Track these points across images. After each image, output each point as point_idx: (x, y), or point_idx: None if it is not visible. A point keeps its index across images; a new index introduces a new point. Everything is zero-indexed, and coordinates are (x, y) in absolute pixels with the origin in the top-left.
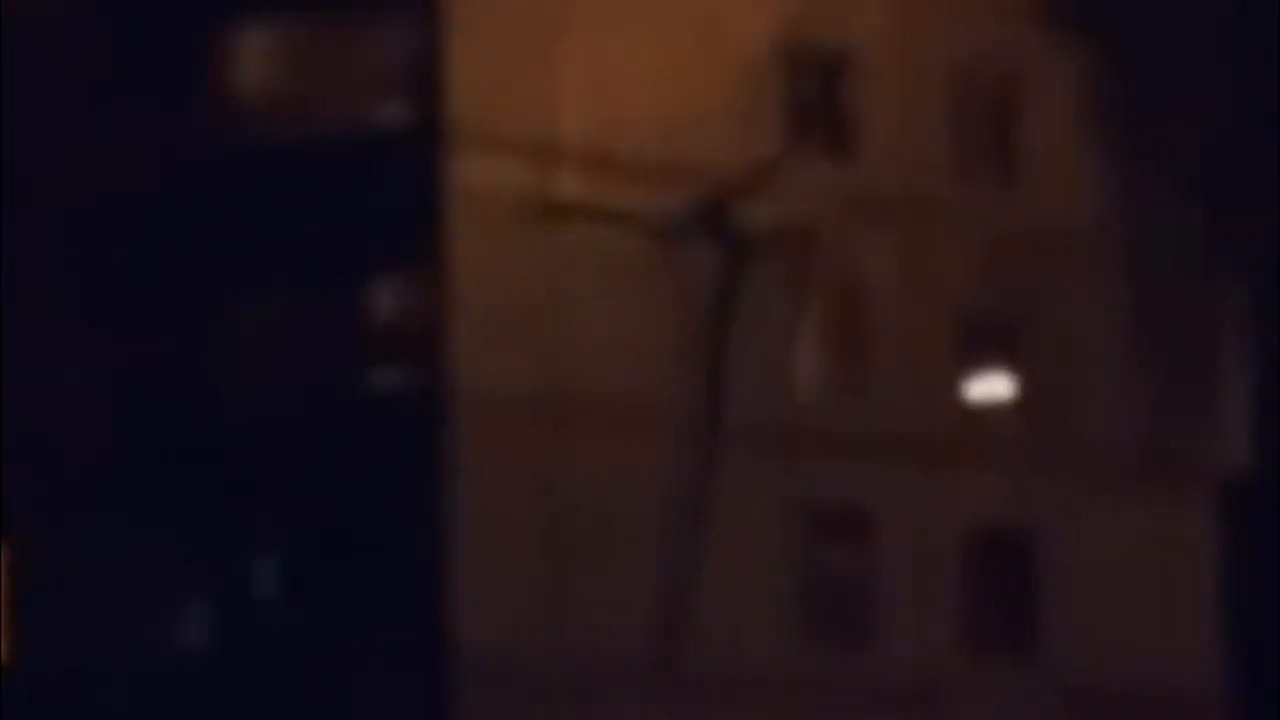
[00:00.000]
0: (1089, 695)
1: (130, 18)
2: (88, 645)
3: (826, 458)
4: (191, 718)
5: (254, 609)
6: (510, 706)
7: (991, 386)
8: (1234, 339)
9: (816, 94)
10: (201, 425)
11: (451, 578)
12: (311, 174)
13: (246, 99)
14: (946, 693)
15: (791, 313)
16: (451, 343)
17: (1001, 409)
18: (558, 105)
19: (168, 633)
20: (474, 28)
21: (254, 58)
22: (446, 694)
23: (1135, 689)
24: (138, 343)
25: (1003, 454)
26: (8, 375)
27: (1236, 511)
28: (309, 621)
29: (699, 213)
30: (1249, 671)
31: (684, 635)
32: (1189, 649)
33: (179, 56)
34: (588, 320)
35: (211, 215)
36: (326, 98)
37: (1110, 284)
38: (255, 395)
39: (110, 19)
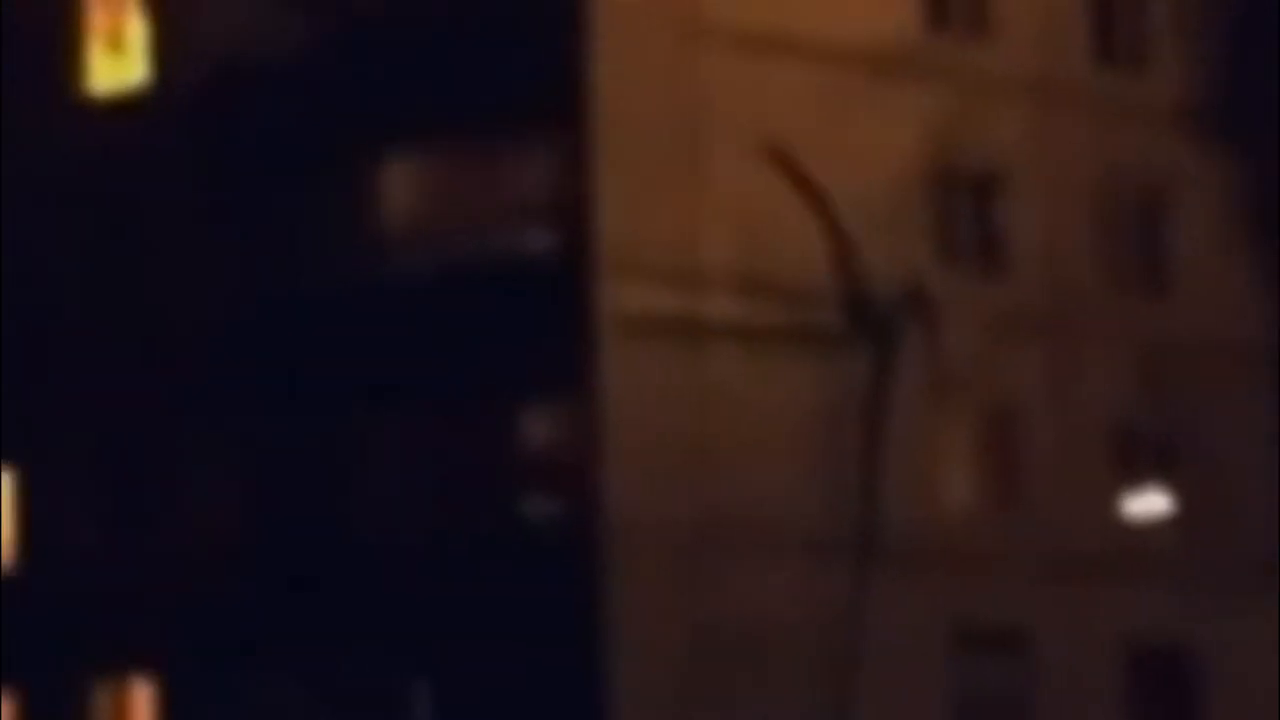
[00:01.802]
0: None
1: (275, 147)
2: None
3: (982, 576)
4: None
5: None
6: None
7: (1148, 502)
8: None
9: (964, 212)
10: (346, 550)
11: (607, 704)
12: (460, 302)
13: (394, 228)
14: None
15: (940, 428)
16: (604, 470)
17: (1159, 524)
18: (704, 229)
19: None
20: (619, 154)
21: (400, 187)
22: None
23: None
24: (280, 468)
25: (1162, 569)
26: (147, 493)
27: None
28: None
29: (845, 300)
30: None
31: None
32: None
33: (325, 187)
34: (740, 444)
35: (360, 343)
36: (474, 226)
37: (1265, 393)
38: (401, 522)
39: (254, 150)
